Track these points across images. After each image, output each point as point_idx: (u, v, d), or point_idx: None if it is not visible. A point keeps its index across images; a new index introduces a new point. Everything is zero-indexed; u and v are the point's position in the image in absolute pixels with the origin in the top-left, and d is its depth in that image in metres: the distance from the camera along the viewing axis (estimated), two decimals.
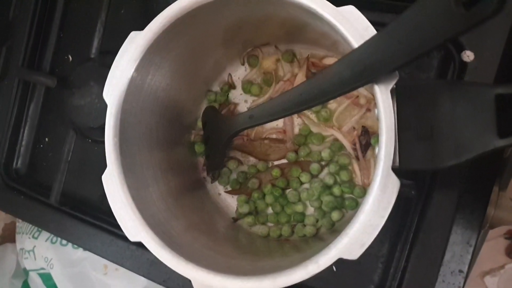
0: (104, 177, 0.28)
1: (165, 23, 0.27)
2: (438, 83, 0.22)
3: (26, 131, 0.49)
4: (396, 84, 0.23)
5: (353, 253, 0.22)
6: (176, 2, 0.26)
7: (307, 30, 0.31)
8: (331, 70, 0.23)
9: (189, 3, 0.26)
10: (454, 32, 0.17)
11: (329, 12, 0.23)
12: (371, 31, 0.22)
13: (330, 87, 0.23)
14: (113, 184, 0.27)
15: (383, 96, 0.22)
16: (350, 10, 0.22)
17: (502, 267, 0.71)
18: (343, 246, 0.22)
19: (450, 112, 0.22)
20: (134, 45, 0.27)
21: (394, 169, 0.22)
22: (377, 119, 0.22)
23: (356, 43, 0.22)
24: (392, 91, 0.22)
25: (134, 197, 0.27)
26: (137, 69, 0.28)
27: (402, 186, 0.33)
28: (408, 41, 0.19)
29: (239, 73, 0.37)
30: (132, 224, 0.27)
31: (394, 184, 0.21)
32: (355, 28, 0.22)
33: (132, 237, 0.27)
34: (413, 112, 0.23)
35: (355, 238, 0.22)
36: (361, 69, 0.22)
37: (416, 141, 0.22)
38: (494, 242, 0.71)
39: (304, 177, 0.34)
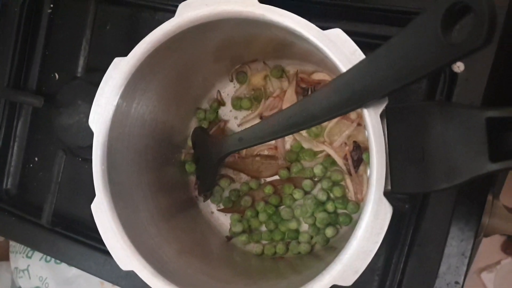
0: (93, 206, 0.27)
1: (149, 49, 0.26)
2: (429, 104, 0.22)
3: (15, 151, 0.48)
4: (386, 106, 0.22)
5: (347, 280, 0.22)
6: (159, 27, 0.26)
7: (295, 47, 0.30)
8: (320, 94, 0.23)
9: (172, 28, 0.25)
10: (442, 62, 0.17)
11: (315, 36, 0.22)
12: (359, 55, 0.22)
13: (319, 111, 0.23)
14: (103, 213, 0.27)
15: (372, 121, 0.21)
16: (337, 33, 0.22)
17: (498, 263, 0.71)
18: (337, 273, 0.22)
19: (441, 135, 0.21)
20: (118, 72, 0.27)
21: (386, 193, 0.22)
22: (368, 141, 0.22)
23: (343, 67, 0.22)
24: (382, 114, 0.22)
25: (125, 224, 0.27)
26: (122, 96, 0.27)
27: (396, 200, 0.33)
28: (396, 68, 0.19)
29: (228, 89, 0.37)
30: (123, 253, 0.26)
31: (386, 209, 0.21)
32: (342, 52, 0.22)
33: (124, 266, 0.26)
34: (404, 134, 0.22)
35: (349, 265, 0.22)
36: (349, 95, 0.21)
37: (408, 164, 0.22)
38: (489, 238, 0.71)
39: (297, 194, 0.34)
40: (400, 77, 0.19)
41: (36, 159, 0.48)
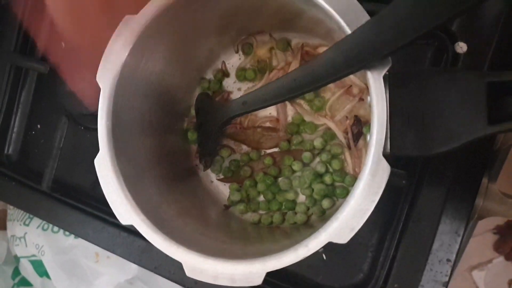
0: (97, 161, 0.28)
1: (159, 8, 0.27)
2: (431, 70, 0.23)
3: (18, 118, 0.49)
4: (389, 71, 0.23)
5: (343, 237, 0.22)
6: None
7: (302, 17, 0.31)
8: (325, 56, 0.23)
9: None
10: (443, 18, 0.17)
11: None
12: (365, 16, 0.22)
13: (323, 73, 0.23)
14: (105, 168, 0.27)
15: (375, 83, 0.22)
16: None
17: (490, 261, 0.72)
18: (333, 230, 0.22)
19: (442, 99, 0.22)
20: (128, 30, 0.27)
21: (385, 156, 0.23)
22: (369, 106, 0.23)
23: (349, 29, 0.22)
24: (384, 78, 0.23)
25: (126, 181, 0.27)
26: (131, 53, 0.28)
27: (393, 175, 0.33)
28: (399, 27, 0.19)
29: (233, 61, 0.37)
30: (124, 207, 0.27)
31: (384, 169, 0.22)
32: (349, 14, 0.22)
33: (124, 221, 0.27)
34: (405, 99, 0.23)
35: (345, 222, 0.22)
36: (354, 55, 0.22)
37: (407, 128, 0.23)
38: (482, 237, 0.72)
39: (296, 166, 0.34)
40: (403, 35, 0.19)
41: (39, 126, 0.48)
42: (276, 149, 0.36)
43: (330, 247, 0.36)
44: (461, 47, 0.33)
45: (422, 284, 0.33)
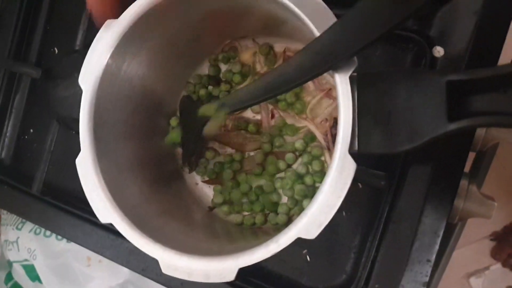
0: (78, 161, 0.28)
1: (141, 12, 0.28)
2: (396, 70, 0.23)
3: (11, 122, 0.50)
4: (357, 72, 0.24)
5: (311, 233, 0.23)
6: None
7: (283, 25, 0.32)
8: (294, 59, 0.24)
9: None
10: (401, 17, 0.18)
11: (292, 1, 0.24)
12: (332, 18, 0.23)
13: (294, 75, 0.24)
14: (86, 167, 0.28)
15: (342, 83, 0.23)
16: None
17: (487, 268, 0.72)
18: (302, 225, 0.23)
19: (407, 99, 0.22)
20: (110, 33, 0.28)
21: (353, 154, 0.23)
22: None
23: (317, 31, 0.23)
24: (352, 78, 0.23)
25: (107, 180, 0.28)
26: (113, 56, 0.28)
27: (373, 176, 0.34)
28: (361, 29, 0.20)
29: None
30: (103, 205, 0.27)
31: (350, 166, 0.22)
32: (317, 17, 0.23)
33: (103, 219, 0.28)
34: (373, 98, 0.23)
35: (313, 218, 0.23)
36: (321, 57, 0.22)
37: (375, 127, 0.23)
38: (478, 243, 0.72)
39: (281, 164, 0.35)
40: (364, 36, 0.20)
41: (32, 131, 0.49)
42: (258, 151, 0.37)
43: (314, 248, 0.37)
44: (438, 51, 0.34)
45: (402, 284, 0.33)
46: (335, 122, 0.34)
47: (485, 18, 0.33)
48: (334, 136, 0.34)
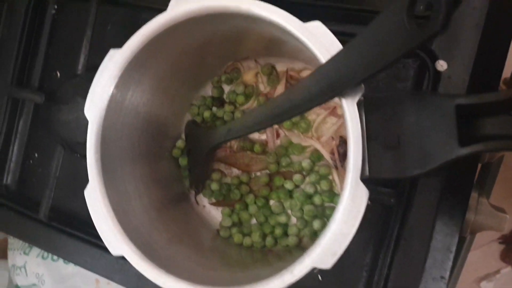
0: (86, 192, 0.28)
1: (144, 40, 0.28)
2: (404, 94, 0.23)
3: (15, 148, 0.50)
4: (364, 96, 0.23)
5: (326, 262, 0.22)
6: (154, 19, 0.27)
7: (284, 45, 0.31)
8: (301, 85, 0.24)
9: (166, 21, 0.27)
10: (409, 46, 0.18)
11: (296, 28, 0.24)
12: (337, 46, 0.23)
13: (300, 101, 0.24)
14: (95, 198, 0.28)
15: (350, 109, 0.22)
16: (317, 25, 0.23)
17: (498, 272, 0.71)
18: (316, 255, 0.23)
19: (415, 123, 0.22)
20: (113, 63, 0.28)
21: (365, 179, 0.23)
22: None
23: (323, 58, 0.23)
24: (359, 103, 0.23)
25: (116, 211, 0.28)
26: (117, 86, 0.28)
27: (382, 194, 0.34)
28: (369, 56, 0.20)
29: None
30: (113, 238, 0.27)
31: (363, 193, 0.22)
32: (322, 43, 0.23)
33: (114, 251, 0.27)
34: (381, 122, 0.23)
35: (327, 248, 0.22)
36: (327, 84, 0.22)
37: (385, 151, 0.23)
38: (487, 247, 0.72)
39: (289, 184, 0.34)
40: (372, 64, 0.20)
41: (36, 155, 0.49)
42: (265, 171, 0.36)
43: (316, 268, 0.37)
44: (442, 65, 0.34)
45: None
46: (341, 140, 0.34)
47: (488, 31, 0.32)
48: (341, 154, 0.33)
